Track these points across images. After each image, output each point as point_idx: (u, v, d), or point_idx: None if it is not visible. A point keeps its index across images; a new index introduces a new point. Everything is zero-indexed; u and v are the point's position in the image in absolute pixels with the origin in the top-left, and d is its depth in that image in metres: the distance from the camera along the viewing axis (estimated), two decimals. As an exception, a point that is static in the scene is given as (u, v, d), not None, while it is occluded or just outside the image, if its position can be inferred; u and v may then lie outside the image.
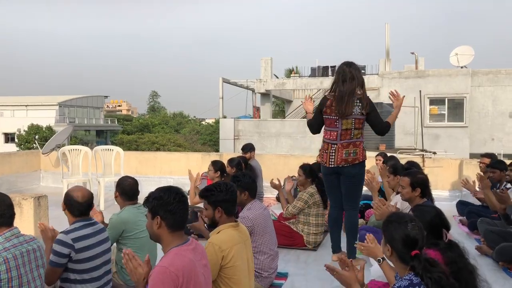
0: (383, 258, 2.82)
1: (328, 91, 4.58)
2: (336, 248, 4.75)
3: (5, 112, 50.13)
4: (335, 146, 4.50)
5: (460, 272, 2.41)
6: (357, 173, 4.55)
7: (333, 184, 4.64)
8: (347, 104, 4.40)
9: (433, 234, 2.72)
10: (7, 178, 8.64)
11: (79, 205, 3.16)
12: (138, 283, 2.45)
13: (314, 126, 4.65)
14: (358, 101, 4.46)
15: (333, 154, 4.51)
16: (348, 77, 4.42)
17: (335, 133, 4.50)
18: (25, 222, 4.39)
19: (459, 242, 2.71)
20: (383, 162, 6.63)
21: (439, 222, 2.83)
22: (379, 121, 4.63)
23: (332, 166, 4.52)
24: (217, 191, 3.16)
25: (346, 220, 4.74)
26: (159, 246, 2.75)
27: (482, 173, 6.34)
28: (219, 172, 5.83)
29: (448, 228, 2.85)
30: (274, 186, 5.51)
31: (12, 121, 48.44)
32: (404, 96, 4.79)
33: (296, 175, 5.74)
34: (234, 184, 3.37)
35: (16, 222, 4.22)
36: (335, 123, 4.49)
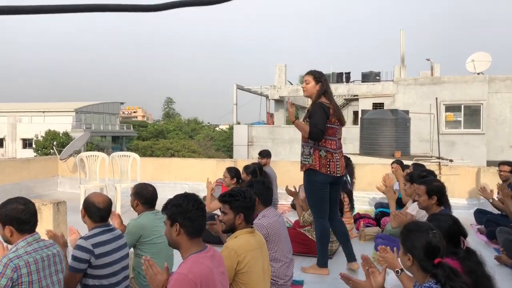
0: (401, 269, 2.80)
1: (320, 99, 4.48)
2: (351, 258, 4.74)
3: (23, 118, 50.97)
4: (337, 155, 4.46)
5: (479, 279, 2.39)
6: (343, 181, 4.56)
7: (328, 195, 4.55)
8: (342, 113, 4.51)
9: (451, 242, 2.70)
10: (26, 183, 8.78)
11: (99, 210, 3.21)
12: None
13: (323, 133, 4.40)
14: None
15: (338, 163, 4.46)
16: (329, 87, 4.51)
17: (335, 142, 4.48)
18: (44, 227, 4.45)
19: (476, 250, 2.69)
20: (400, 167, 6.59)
21: (457, 229, 2.81)
22: None
23: (339, 175, 4.48)
24: (241, 197, 3.18)
25: (339, 229, 4.71)
26: (175, 252, 2.78)
27: (501, 182, 6.26)
28: (235, 179, 5.84)
29: (465, 235, 2.83)
30: (290, 193, 5.50)
31: (30, 127, 49.25)
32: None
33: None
34: (251, 192, 3.38)
35: (36, 228, 4.28)
36: (336, 132, 4.50)
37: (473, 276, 2.46)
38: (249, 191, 3.29)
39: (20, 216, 2.71)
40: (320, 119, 4.32)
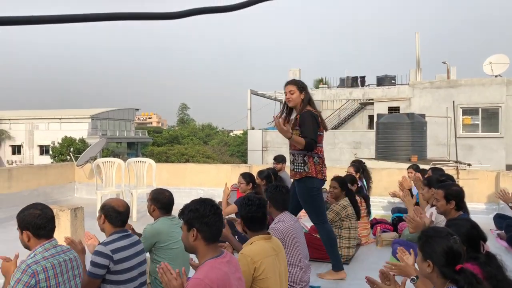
0: (416, 277, 2.75)
1: (306, 107, 4.52)
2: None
3: (40, 125, 51.75)
4: (324, 160, 4.60)
5: (500, 284, 2.33)
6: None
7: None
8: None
9: (471, 247, 2.65)
10: (44, 189, 8.89)
11: (120, 214, 3.22)
12: None
13: (316, 143, 4.43)
14: None
15: (325, 168, 4.59)
16: None
17: (322, 149, 4.59)
18: (62, 233, 4.50)
19: (496, 254, 2.63)
20: (417, 171, 6.51)
21: (476, 234, 2.76)
22: None
23: (326, 179, 4.63)
24: (240, 205, 3.22)
25: (324, 233, 4.71)
26: (192, 258, 2.78)
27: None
28: (251, 184, 5.82)
29: (484, 239, 2.77)
30: None
31: (46, 133, 49.99)
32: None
33: (325, 187, 5.69)
34: (264, 201, 3.34)
35: (54, 233, 4.33)
36: (322, 140, 4.61)
37: (493, 282, 2.41)
38: (257, 199, 3.26)
39: (36, 221, 2.74)
40: (311, 129, 4.38)
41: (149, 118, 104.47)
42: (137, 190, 7.56)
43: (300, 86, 4.58)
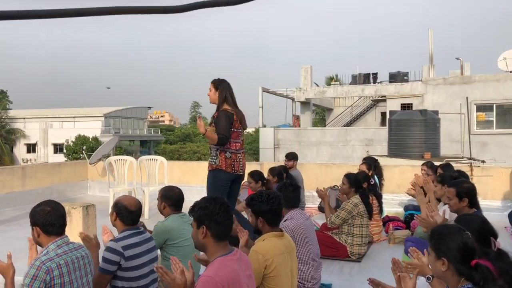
0: (432, 276, 2.71)
1: (223, 106, 4.86)
2: None
3: (54, 124, 52.33)
4: (240, 155, 4.93)
5: None
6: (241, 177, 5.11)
7: (228, 190, 4.92)
8: (244, 117, 5.04)
9: (481, 243, 2.61)
10: (57, 187, 8.99)
11: (131, 214, 3.24)
12: None
13: (228, 139, 4.79)
14: None
15: (241, 162, 4.92)
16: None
17: (238, 144, 4.93)
18: (74, 230, 4.53)
19: (508, 252, 2.58)
20: (431, 169, 6.43)
21: (486, 229, 2.71)
22: None
23: (241, 173, 4.96)
24: (258, 201, 3.18)
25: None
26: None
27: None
28: (260, 182, 5.81)
29: (495, 236, 2.72)
30: (320, 195, 5.45)
31: (60, 132, 50.53)
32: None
33: (338, 184, 5.66)
34: (280, 195, 3.34)
35: (66, 230, 4.37)
36: (239, 135, 4.97)
37: (507, 278, 2.36)
38: (274, 193, 3.26)
39: (46, 218, 2.77)
40: (224, 127, 4.74)
41: (162, 116, 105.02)
42: (149, 187, 7.60)
43: (216, 84, 4.93)
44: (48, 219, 2.77)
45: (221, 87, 4.92)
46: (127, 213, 3.22)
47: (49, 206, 2.82)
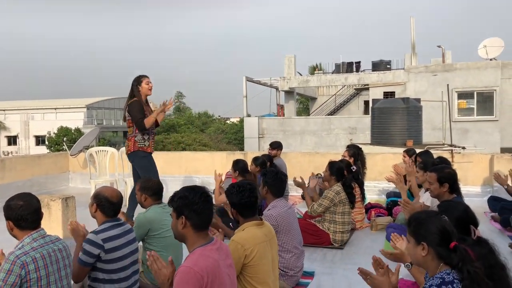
0: (411, 263, 2.73)
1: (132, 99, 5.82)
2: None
3: (35, 116, 51.52)
4: (149, 137, 5.92)
5: (492, 269, 2.31)
6: (132, 161, 5.85)
7: (153, 163, 5.95)
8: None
9: (460, 231, 2.63)
10: (37, 179, 8.84)
11: (113, 205, 3.19)
12: (163, 283, 2.45)
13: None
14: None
15: (149, 143, 5.93)
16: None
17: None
18: (53, 222, 4.48)
19: (489, 239, 2.61)
20: (415, 156, 6.48)
21: (466, 217, 2.73)
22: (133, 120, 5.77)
23: (152, 152, 5.96)
24: (230, 192, 3.19)
25: None
26: (184, 245, 2.75)
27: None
28: (237, 172, 5.82)
29: (476, 224, 2.75)
30: (297, 184, 5.46)
31: (42, 124, 49.80)
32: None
33: (322, 172, 5.67)
34: (255, 186, 3.30)
35: (45, 223, 4.29)
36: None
37: (485, 264, 2.38)
38: (249, 185, 3.22)
39: (18, 212, 2.72)
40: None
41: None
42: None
43: (133, 81, 5.90)
44: (21, 214, 2.72)
45: (133, 82, 5.89)
46: (108, 204, 3.16)
47: (22, 200, 2.76)
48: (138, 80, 5.85)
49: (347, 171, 5.76)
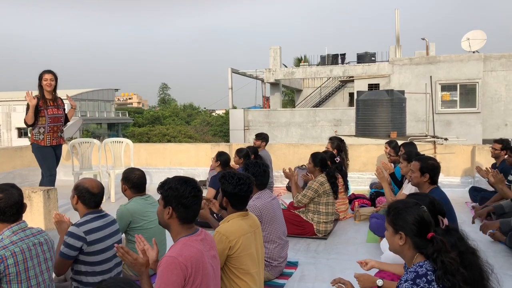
0: (382, 279, 2.80)
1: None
2: None
3: (17, 107, 50.63)
4: (50, 131, 6.25)
5: (463, 255, 2.35)
6: (32, 152, 6.29)
7: (51, 156, 6.27)
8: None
9: None
10: (19, 171, 8.71)
11: (94, 196, 3.14)
12: (140, 273, 2.46)
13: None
14: None
15: (51, 135, 6.27)
16: None
17: (44, 124, 6.23)
18: (35, 214, 4.42)
19: (456, 226, 2.65)
20: (397, 147, 6.54)
21: (432, 209, 2.77)
22: None
23: (55, 144, 6.28)
24: (227, 181, 3.15)
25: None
26: (168, 236, 2.74)
27: (494, 159, 6.27)
28: (219, 163, 5.87)
29: (443, 214, 2.79)
30: (286, 175, 5.47)
31: (24, 115, 48.92)
32: None
33: (306, 164, 5.69)
34: (252, 180, 3.29)
35: (26, 215, 4.23)
36: (46, 116, 6.25)
37: (455, 251, 2.43)
38: (247, 177, 3.22)
39: None
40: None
41: (130, 98, 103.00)
42: (115, 170, 7.46)
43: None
44: (0, 207, 2.67)
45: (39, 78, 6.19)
46: (89, 195, 3.12)
47: (1, 193, 2.69)
48: (40, 76, 6.18)
49: (331, 162, 5.80)
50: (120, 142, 7.98)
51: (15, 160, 8.58)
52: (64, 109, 6.44)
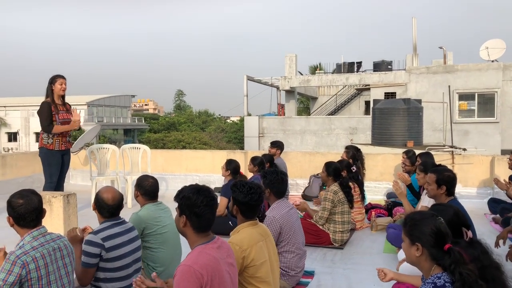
0: None
1: (46, 98, 6.21)
2: None
3: (35, 113, 51.49)
4: (59, 136, 6.26)
5: (486, 269, 2.32)
6: (39, 155, 6.32)
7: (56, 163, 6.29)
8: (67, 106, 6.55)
9: (453, 234, 2.63)
10: (38, 176, 8.81)
11: (108, 207, 3.22)
12: None
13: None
14: None
15: (61, 140, 6.30)
16: None
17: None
18: (54, 219, 4.49)
19: (481, 239, 2.62)
20: (413, 157, 6.48)
21: (457, 221, 2.74)
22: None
23: (63, 149, 6.31)
24: (238, 189, 3.16)
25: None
26: (183, 241, 2.76)
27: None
28: (229, 171, 5.83)
29: (467, 226, 2.75)
30: (299, 208, 5.37)
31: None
32: None
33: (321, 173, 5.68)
34: (262, 190, 3.30)
35: (46, 220, 4.29)
36: (57, 120, 6.20)
37: (478, 264, 2.39)
38: (257, 187, 3.22)
39: (17, 210, 2.73)
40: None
41: (146, 104, 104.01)
42: (132, 176, 7.52)
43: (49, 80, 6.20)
44: (20, 212, 2.72)
45: (48, 82, 6.18)
46: (105, 206, 3.20)
47: (22, 199, 2.75)
48: (52, 80, 6.11)
49: (347, 171, 5.78)
50: (137, 148, 8.06)
51: (34, 164, 8.71)
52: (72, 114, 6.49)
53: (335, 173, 5.33)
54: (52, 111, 6.06)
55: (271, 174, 4.01)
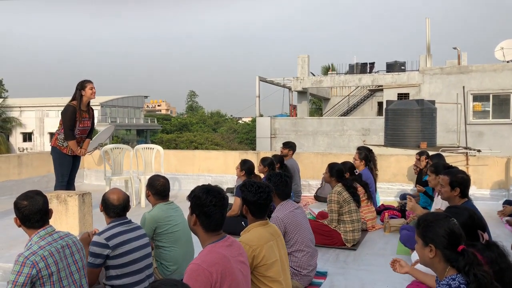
0: None
1: (71, 101, 6.13)
2: None
3: (50, 113, 52.08)
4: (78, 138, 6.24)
5: (503, 272, 2.30)
6: (51, 154, 6.37)
7: (68, 164, 6.28)
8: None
9: (468, 237, 2.61)
10: (53, 176, 8.94)
11: (114, 207, 3.31)
12: None
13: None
14: None
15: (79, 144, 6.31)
16: None
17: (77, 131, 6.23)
18: (70, 218, 4.55)
19: (497, 242, 2.59)
20: (426, 158, 6.44)
21: (471, 223, 2.71)
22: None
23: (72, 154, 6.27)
24: (247, 189, 3.19)
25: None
26: (196, 239, 2.80)
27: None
28: (244, 172, 5.87)
29: (483, 229, 2.73)
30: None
31: (57, 121, 49.85)
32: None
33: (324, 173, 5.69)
34: (272, 189, 3.31)
35: (62, 218, 4.36)
36: (77, 126, 6.18)
37: (495, 267, 2.37)
38: (266, 186, 3.24)
39: (22, 212, 2.78)
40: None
41: (158, 105, 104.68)
42: (145, 176, 7.58)
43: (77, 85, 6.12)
44: (25, 214, 2.78)
45: (78, 87, 6.07)
46: (110, 206, 3.30)
47: (26, 200, 2.80)
48: (82, 85, 6.07)
49: (350, 174, 5.79)
50: (151, 148, 8.12)
51: (49, 164, 8.80)
52: (93, 119, 6.52)
53: (338, 174, 5.35)
54: (76, 117, 6.07)
55: (275, 177, 4.05)
